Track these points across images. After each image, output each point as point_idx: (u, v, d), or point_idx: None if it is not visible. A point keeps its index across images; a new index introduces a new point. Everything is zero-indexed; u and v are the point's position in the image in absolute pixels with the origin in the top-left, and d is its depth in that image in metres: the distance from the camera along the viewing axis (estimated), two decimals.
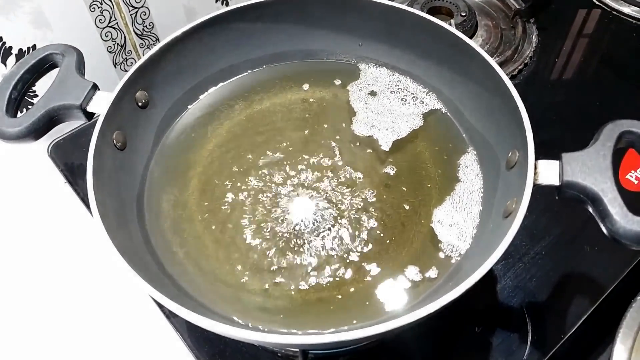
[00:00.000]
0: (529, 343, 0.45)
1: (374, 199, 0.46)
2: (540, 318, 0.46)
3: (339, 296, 0.41)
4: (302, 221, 0.45)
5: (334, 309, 0.41)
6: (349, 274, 0.42)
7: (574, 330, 0.45)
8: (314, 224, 0.44)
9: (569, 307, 0.47)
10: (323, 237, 0.44)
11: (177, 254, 0.44)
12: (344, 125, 0.52)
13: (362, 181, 0.48)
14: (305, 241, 0.42)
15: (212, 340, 0.45)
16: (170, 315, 0.46)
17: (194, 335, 0.45)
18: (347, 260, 0.43)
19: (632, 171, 0.54)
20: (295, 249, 0.43)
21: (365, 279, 0.42)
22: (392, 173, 0.48)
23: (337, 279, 0.42)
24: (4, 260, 0.59)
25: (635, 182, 0.53)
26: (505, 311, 0.47)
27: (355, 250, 0.44)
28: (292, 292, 0.42)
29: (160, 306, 0.43)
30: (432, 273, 0.42)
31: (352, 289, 0.42)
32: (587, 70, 0.67)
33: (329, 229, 0.44)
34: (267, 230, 0.45)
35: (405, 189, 0.47)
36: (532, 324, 0.45)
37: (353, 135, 0.51)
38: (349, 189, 0.47)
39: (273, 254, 0.44)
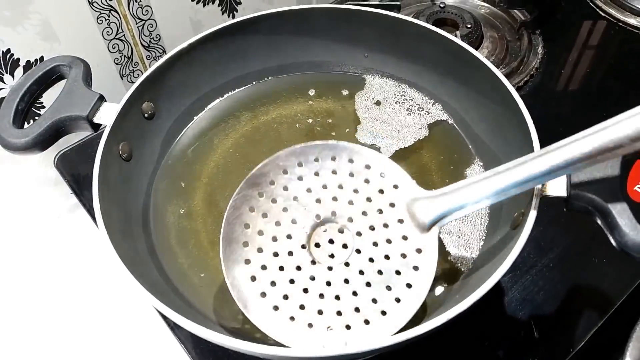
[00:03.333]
0: (537, 357, 0.44)
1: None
2: (548, 331, 0.45)
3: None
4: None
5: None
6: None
7: (582, 344, 0.44)
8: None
9: (578, 320, 0.46)
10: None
11: (183, 265, 0.44)
12: (347, 132, 0.52)
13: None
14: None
15: (216, 353, 0.45)
16: (174, 327, 0.45)
17: (198, 348, 0.45)
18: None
19: None
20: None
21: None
22: None
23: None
24: (9, 270, 0.59)
25: None
26: (513, 324, 0.46)
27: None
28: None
29: (165, 318, 0.43)
30: (438, 286, 0.42)
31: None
32: (593, 81, 0.67)
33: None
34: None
35: None
36: (540, 337, 0.45)
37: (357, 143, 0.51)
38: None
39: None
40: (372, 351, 0.31)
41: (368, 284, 0.38)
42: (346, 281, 0.38)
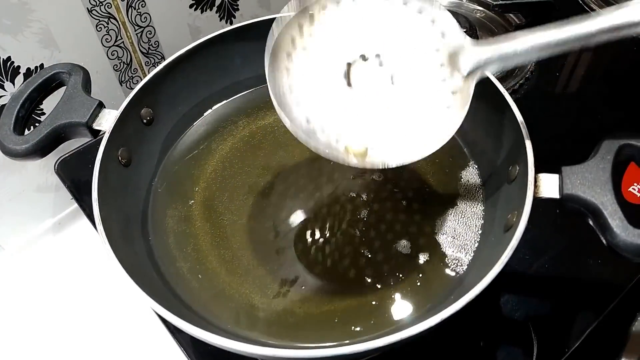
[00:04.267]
0: (534, 357, 0.44)
1: (375, 212, 0.47)
2: (544, 331, 0.45)
3: (342, 310, 0.42)
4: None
5: (336, 322, 0.41)
6: (351, 287, 0.43)
7: (578, 343, 0.45)
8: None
9: (574, 320, 0.46)
10: (324, 251, 0.44)
11: (181, 269, 0.44)
12: None
13: (362, 194, 0.48)
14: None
15: (216, 356, 0.45)
16: (174, 331, 0.46)
17: (198, 351, 0.45)
18: (350, 275, 0.43)
19: (635, 184, 0.54)
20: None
21: (368, 293, 0.42)
22: (391, 186, 0.49)
23: (340, 292, 0.42)
24: (10, 275, 0.59)
25: (638, 194, 0.53)
26: (510, 325, 0.46)
27: (358, 264, 0.44)
28: (296, 306, 0.42)
29: (165, 321, 0.43)
30: (434, 286, 0.42)
31: (354, 303, 0.42)
32: (587, 84, 0.67)
33: (331, 242, 0.44)
34: (270, 246, 0.45)
35: (405, 203, 0.47)
36: (536, 337, 0.45)
37: None
38: (350, 202, 0.47)
39: (276, 269, 0.44)
40: (367, 351, 0.32)
41: (398, 112, 0.39)
42: (378, 106, 0.40)
